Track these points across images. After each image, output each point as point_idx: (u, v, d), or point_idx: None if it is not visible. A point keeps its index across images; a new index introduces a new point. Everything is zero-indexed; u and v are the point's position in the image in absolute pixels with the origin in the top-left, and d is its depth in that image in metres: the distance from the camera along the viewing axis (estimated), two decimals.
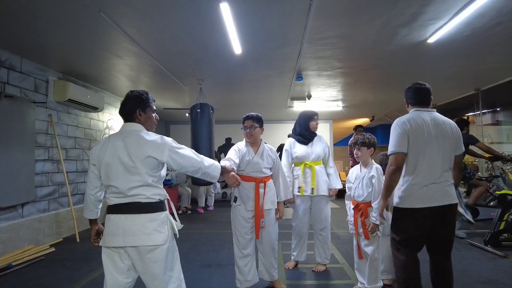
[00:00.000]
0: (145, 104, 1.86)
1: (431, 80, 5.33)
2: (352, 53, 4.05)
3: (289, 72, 4.79)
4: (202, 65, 4.47)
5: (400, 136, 2.08)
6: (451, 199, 2.08)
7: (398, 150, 2.06)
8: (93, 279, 3.07)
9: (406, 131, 2.08)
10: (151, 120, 1.90)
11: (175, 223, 1.83)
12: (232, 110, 8.10)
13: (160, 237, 1.69)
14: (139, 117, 1.85)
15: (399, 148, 2.06)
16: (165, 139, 1.78)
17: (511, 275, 3.05)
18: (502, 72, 4.99)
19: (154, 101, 1.95)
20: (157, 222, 1.71)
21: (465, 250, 3.86)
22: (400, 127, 2.10)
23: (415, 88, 2.37)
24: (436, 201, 2.03)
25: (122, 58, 4.13)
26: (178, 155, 1.76)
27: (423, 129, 2.08)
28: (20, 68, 4.00)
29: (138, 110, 1.85)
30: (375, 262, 2.54)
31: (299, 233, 3.28)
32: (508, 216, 3.87)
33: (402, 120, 2.13)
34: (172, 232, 1.79)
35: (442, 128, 2.14)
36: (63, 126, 4.82)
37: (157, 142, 1.75)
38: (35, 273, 3.26)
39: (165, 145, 1.74)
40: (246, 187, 2.59)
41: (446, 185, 2.08)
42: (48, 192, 4.45)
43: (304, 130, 3.29)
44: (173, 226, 1.79)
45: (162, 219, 1.73)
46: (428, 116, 2.18)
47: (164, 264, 1.70)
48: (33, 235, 4.07)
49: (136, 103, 1.86)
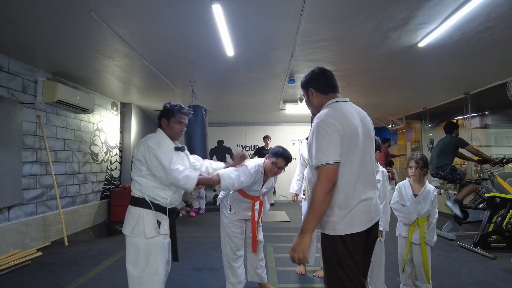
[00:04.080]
0: (169, 115, 2.13)
1: (422, 83, 5.43)
2: (344, 56, 4.07)
3: (281, 74, 4.79)
4: (194, 66, 4.44)
5: (333, 142, 1.50)
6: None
7: (332, 160, 1.48)
8: (81, 284, 3.00)
9: (340, 133, 1.51)
10: (172, 129, 2.14)
11: (152, 225, 1.95)
12: (224, 113, 8.08)
13: (126, 228, 1.97)
14: (163, 125, 2.15)
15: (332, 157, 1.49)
16: (150, 139, 2.01)
17: (501, 277, 3.08)
18: (491, 77, 5.08)
19: (187, 114, 2.18)
20: (129, 215, 1.99)
21: (455, 252, 3.90)
22: (330, 129, 1.51)
23: (324, 71, 1.81)
24: (372, 220, 1.61)
25: (113, 59, 4.07)
26: (150, 156, 1.94)
27: (357, 129, 1.56)
28: (8, 68, 3.92)
29: (163, 119, 2.15)
30: (381, 268, 2.53)
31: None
32: (497, 218, 3.92)
33: (328, 118, 1.54)
34: (144, 230, 1.93)
35: (367, 125, 1.69)
36: (52, 128, 4.73)
37: (143, 140, 2.04)
38: (20, 278, 3.18)
39: (144, 143, 1.99)
40: (242, 201, 2.63)
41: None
42: (36, 195, 4.35)
43: None
44: (145, 226, 1.93)
45: (133, 213, 1.97)
46: (353, 109, 1.67)
47: (129, 255, 1.94)
48: (19, 239, 3.98)
49: (163, 113, 2.16)
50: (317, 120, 1.57)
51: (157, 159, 1.93)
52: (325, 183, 1.47)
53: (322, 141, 1.51)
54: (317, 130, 1.54)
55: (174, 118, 2.13)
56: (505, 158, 4.44)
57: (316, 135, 1.54)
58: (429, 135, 7.79)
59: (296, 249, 1.47)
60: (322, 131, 1.53)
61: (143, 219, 1.95)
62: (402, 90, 5.86)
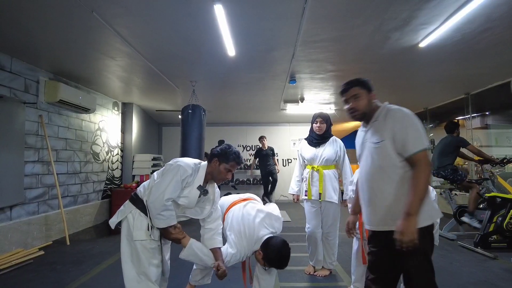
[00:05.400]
0: (224, 158, 2.06)
1: (422, 83, 5.44)
2: (345, 56, 4.09)
3: (282, 74, 4.81)
4: (195, 66, 4.46)
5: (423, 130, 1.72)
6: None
7: (427, 146, 1.68)
8: (83, 283, 3.02)
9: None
10: (220, 173, 2.07)
11: (141, 229, 1.94)
12: (225, 113, 8.10)
13: (113, 219, 2.03)
14: (213, 164, 2.08)
15: (427, 143, 1.68)
16: (178, 162, 2.00)
17: (501, 276, 3.09)
18: (491, 77, 5.09)
19: (239, 163, 2.13)
20: (123, 208, 2.03)
21: (456, 252, 3.91)
22: (418, 120, 1.72)
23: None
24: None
25: (115, 59, 4.09)
26: (168, 173, 1.94)
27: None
28: (10, 68, 3.93)
29: (216, 159, 2.08)
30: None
31: (312, 238, 3.18)
32: (498, 218, 3.93)
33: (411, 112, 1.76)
34: (132, 231, 1.93)
35: None
36: (54, 127, 4.75)
37: (182, 159, 2.07)
38: (23, 277, 3.19)
39: (177, 160, 2.01)
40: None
41: None
42: (38, 194, 4.37)
43: (311, 132, 3.27)
44: (133, 228, 1.93)
45: (126, 208, 2.01)
46: None
47: (125, 250, 1.96)
48: (21, 238, 3.99)
49: (219, 153, 2.09)
50: (405, 111, 1.71)
51: (166, 182, 1.91)
52: (428, 167, 1.62)
53: (420, 128, 1.67)
54: (411, 118, 1.69)
55: (226, 164, 2.06)
56: (506, 158, 4.44)
57: (413, 122, 1.67)
58: (429, 135, 7.80)
59: (406, 232, 1.54)
60: (416, 119, 1.69)
61: (132, 218, 1.96)
62: (403, 90, 5.88)
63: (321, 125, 3.15)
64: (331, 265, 3.19)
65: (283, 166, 9.25)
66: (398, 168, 1.68)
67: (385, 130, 1.70)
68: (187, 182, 1.97)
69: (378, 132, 1.74)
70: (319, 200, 3.12)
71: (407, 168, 1.67)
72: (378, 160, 1.72)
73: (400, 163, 1.68)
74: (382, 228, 1.73)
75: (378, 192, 1.73)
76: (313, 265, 3.24)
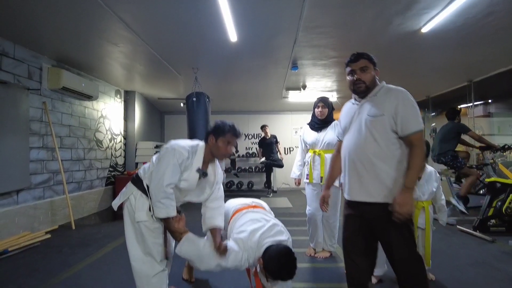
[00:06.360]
0: (219, 133, 2.01)
1: (425, 71, 5.42)
2: (347, 42, 4.08)
3: (284, 61, 4.81)
4: (197, 53, 4.46)
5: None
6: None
7: (423, 127, 1.76)
8: (90, 264, 3.10)
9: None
10: (219, 149, 2.01)
11: (142, 210, 1.93)
12: (227, 101, 8.11)
13: (115, 200, 2.03)
14: (210, 142, 2.03)
15: (422, 125, 1.77)
16: (173, 145, 1.94)
17: (498, 258, 3.15)
18: (494, 64, 5.06)
19: (238, 136, 2.07)
20: (125, 189, 2.04)
21: (455, 236, 3.96)
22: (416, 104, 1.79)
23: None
24: None
25: (117, 45, 4.10)
26: (164, 157, 1.91)
27: None
28: (13, 55, 3.96)
29: (211, 136, 2.02)
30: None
31: (313, 220, 3.24)
32: (497, 203, 3.97)
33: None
34: (134, 212, 1.93)
35: None
36: (58, 114, 4.80)
37: (181, 140, 2.03)
38: (31, 258, 3.28)
39: (173, 143, 1.96)
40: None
41: None
42: (43, 180, 4.44)
43: (313, 117, 3.30)
44: (135, 209, 1.93)
45: (128, 190, 2.01)
46: None
47: (129, 231, 1.97)
48: (28, 222, 4.08)
49: (213, 129, 2.04)
50: (407, 92, 1.78)
51: (163, 167, 1.87)
52: (423, 146, 1.72)
53: (418, 110, 1.75)
54: (412, 100, 1.76)
55: (223, 137, 1.99)
56: (507, 145, 4.46)
57: (413, 104, 1.75)
58: (432, 124, 7.79)
59: (404, 204, 1.64)
60: (415, 102, 1.77)
61: (134, 199, 1.95)
62: (405, 77, 5.86)
63: (323, 110, 3.18)
64: (332, 247, 3.25)
65: (285, 154, 9.28)
66: (391, 144, 1.74)
67: (385, 106, 1.76)
68: (185, 166, 1.92)
69: (377, 106, 1.79)
70: (320, 184, 3.17)
71: (398, 145, 1.75)
72: (372, 132, 1.77)
73: (393, 139, 1.75)
74: (366, 199, 1.79)
75: (367, 164, 1.78)
76: (314, 247, 3.31)
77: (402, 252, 1.74)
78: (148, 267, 1.93)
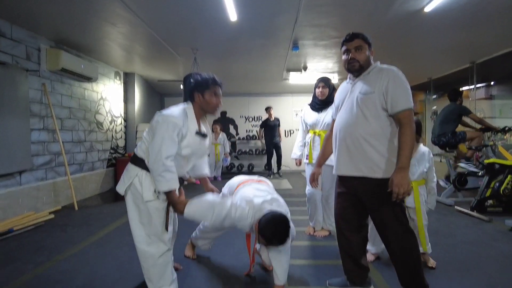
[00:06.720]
0: (203, 87, 1.95)
1: (427, 52, 5.36)
2: (348, 22, 4.01)
3: (285, 41, 4.74)
4: (197, 33, 4.40)
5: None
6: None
7: (412, 106, 1.76)
8: (93, 242, 3.17)
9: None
10: (209, 103, 1.97)
11: (150, 189, 1.88)
12: (227, 83, 7.90)
13: (120, 185, 1.96)
14: (198, 100, 1.97)
15: (412, 103, 1.77)
16: (164, 116, 1.86)
17: (494, 237, 3.21)
18: (498, 45, 5.00)
19: (221, 85, 2.01)
20: (126, 172, 1.97)
21: (452, 216, 4.02)
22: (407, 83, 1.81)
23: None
24: None
25: (116, 25, 4.05)
26: (158, 131, 1.82)
27: None
28: (11, 35, 3.91)
29: (197, 93, 1.96)
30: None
31: (312, 199, 3.30)
32: (495, 183, 4.01)
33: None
34: (142, 192, 1.87)
35: None
36: (57, 96, 4.78)
37: (167, 109, 1.94)
38: (36, 236, 3.35)
39: (163, 114, 1.87)
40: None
41: None
42: (45, 161, 4.48)
43: (314, 97, 3.29)
44: (143, 188, 1.87)
45: (131, 171, 1.93)
46: None
47: (132, 213, 1.93)
48: (32, 203, 4.14)
49: (195, 86, 1.97)
50: (398, 71, 1.80)
51: (158, 140, 1.80)
52: (413, 124, 1.73)
53: (409, 89, 1.78)
54: (403, 78, 1.79)
55: (208, 90, 1.94)
56: (507, 127, 4.46)
57: (404, 82, 1.78)
58: (433, 107, 7.75)
59: (402, 184, 1.65)
60: (406, 81, 1.79)
61: (140, 180, 1.89)
62: (406, 59, 5.80)
63: (323, 90, 3.17)
64: (330, 226, 3.31)
65: (285, 136, 9.29)
66: (381, 122, 1.79)
67: (377, 84, 1.79)
68: (182, 134, 1.87)
69: (368, 84, 1.83)
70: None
71: (388, 123, 1.79)
72: (363, 109, 1.81)
73: (383, 117, 1.79)
74: (354, 173, 1.85)
75: (357, 141, 1.82)
76: (313, 226, 3.37)
77: (395, 228, 1.79)
78: (153, 248, 1.92)
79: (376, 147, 1.78)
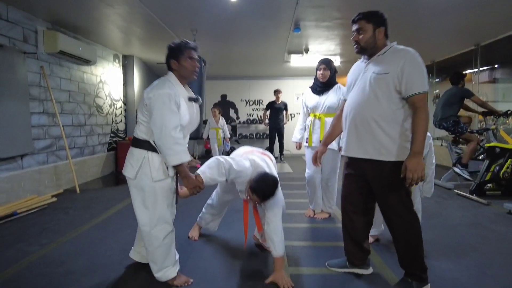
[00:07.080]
0: (177, 53, 1.92)
1: (431, 33, 5.26)
2: (351, 3, 3.91)
3: (286, 22, 4.65)
4: (196, 14, 4.31)
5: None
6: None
7: (427, 90, 1.73)
8: (96, 224, 3.21)
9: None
10: (185, 69, 1.94)
11: (159, 168, 1.88)
12: (227, 66, 7.96)
13: (128, 170, 1.92)
14: (174, 67, 1.95)
15: (428, 87, 1.74)
16: (154, 91, 1.81)
17: (492, 219, 3.24)
18: (503, 26, 4.90)
19: (196, 48, 1.97)
20: (131, 156, 1.93)
21: (451, 199, 4.05)
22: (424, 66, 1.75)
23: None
24: None
25: (114, 6, 3.96)
26: (154, 107, 1.78)
27: None
28: (7, 17, 3.83)
29: (172, 60, 1.94)
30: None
31: (311, 182, 3.30)
32: (495, 167, 4.02)
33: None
34: (150, 173, 1.86)
35: None
36: (56, 79, 4.74)
37: (152, 85, 1.88)
38: (40, 219, 3.39)
39: (152, 90, 1.83)
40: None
41: None
42: (46, 145, 4.48)
43: (315, 80, 3.26)
44: (151, 169, 1.86)
45: (137, 155, 1.90)
46: None
47: (136, 198, 1.93)
48: (34, 186, 4.17)
49: (169, 53, 1.95)
50: (416, 53, 1.74)
51: (159, 115, 1.77)
52: (427, 108, 1.70)
53: (425, 72, 1.72)
54: (420, 61, 1.72)
55: (183, 56, 1.92)
56: (510, 110, 4.43)
57: (421, 65, 1.71)
58: (435, 90, 7.68)
59: (416, 168, 1.64)
60: (423, 64, 1.73)
61: (148, 161, 1.87)
62: (410, 41, 5.68)
63: (324, 72, 3.13)
64: (330, 209, 3.34)
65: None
66: (393, 104, 1.75)
67: (392, 65, 1.74)
68: (177, 103, 1.84)
69: (383, 64, 1.78)
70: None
71: (400, 106, 1.75)
72: (375, 90, 1.77)
73: (395, 99, 1.74)
74: (362, 155, 1.84)
75: (367, 122, 1.80)
76: (313, 208, 3.40)
77: (400, 212, 1.80)
78: (158, 229, 1.92)
79: (385, 129, 1.75)
